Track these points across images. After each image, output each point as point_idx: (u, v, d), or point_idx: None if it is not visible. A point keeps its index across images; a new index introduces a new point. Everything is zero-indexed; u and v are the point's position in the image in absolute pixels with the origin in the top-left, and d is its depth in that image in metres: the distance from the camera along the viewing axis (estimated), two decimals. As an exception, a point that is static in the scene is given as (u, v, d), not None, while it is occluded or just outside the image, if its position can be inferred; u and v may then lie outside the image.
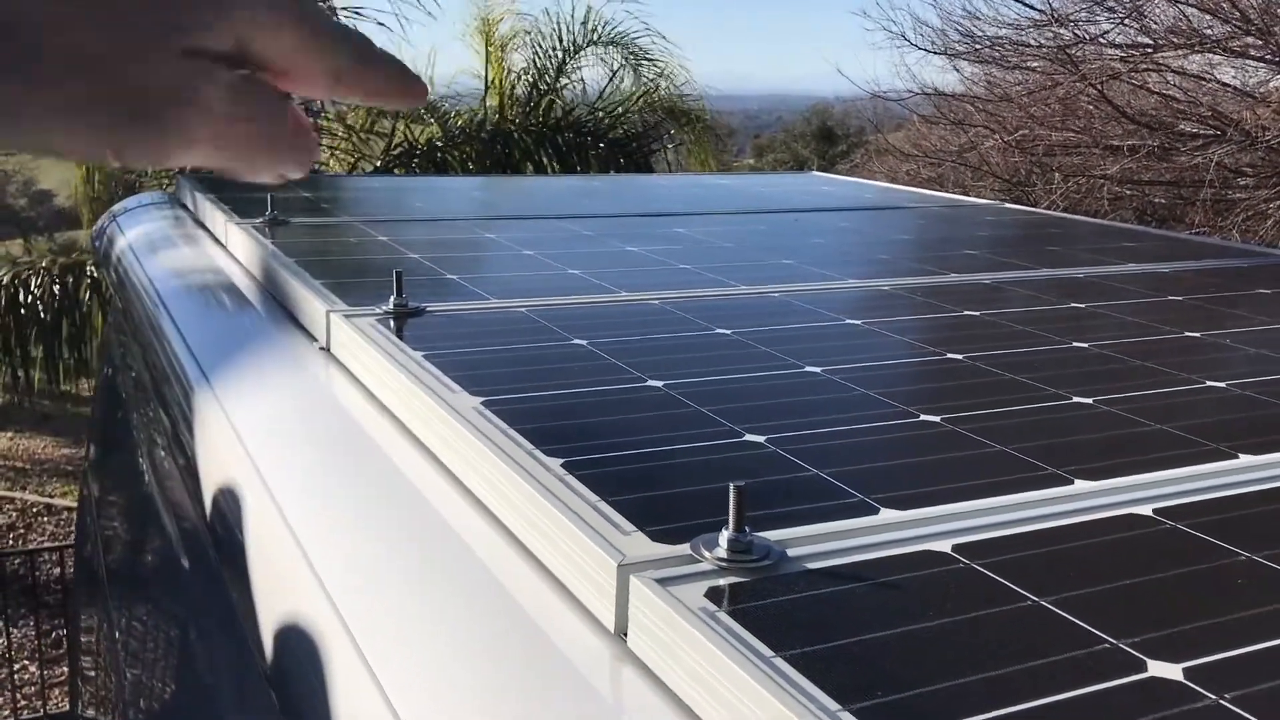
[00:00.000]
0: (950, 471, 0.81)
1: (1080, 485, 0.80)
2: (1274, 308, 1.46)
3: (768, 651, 0.55)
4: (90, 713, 2.24)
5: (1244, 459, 0.87)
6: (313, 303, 1.26)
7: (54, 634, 4.75)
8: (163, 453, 1.41)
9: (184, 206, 2.18)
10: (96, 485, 2.35)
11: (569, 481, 0.76)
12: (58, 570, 4.53)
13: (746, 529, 0.66)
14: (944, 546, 0.69)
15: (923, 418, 0.94)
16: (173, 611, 1.34)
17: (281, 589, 0.83)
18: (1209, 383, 1.08)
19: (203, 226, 1.97)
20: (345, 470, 0.93)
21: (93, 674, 2.24)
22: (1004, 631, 0.58)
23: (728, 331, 1.21)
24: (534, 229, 1.86)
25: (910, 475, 0.81)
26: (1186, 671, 0.55)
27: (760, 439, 0.87)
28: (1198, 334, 1.29)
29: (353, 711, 0.67)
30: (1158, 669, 0.55)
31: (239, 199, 1.98)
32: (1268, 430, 0.94)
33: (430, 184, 2.75)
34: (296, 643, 0.77)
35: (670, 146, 6.07)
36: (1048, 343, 1.22)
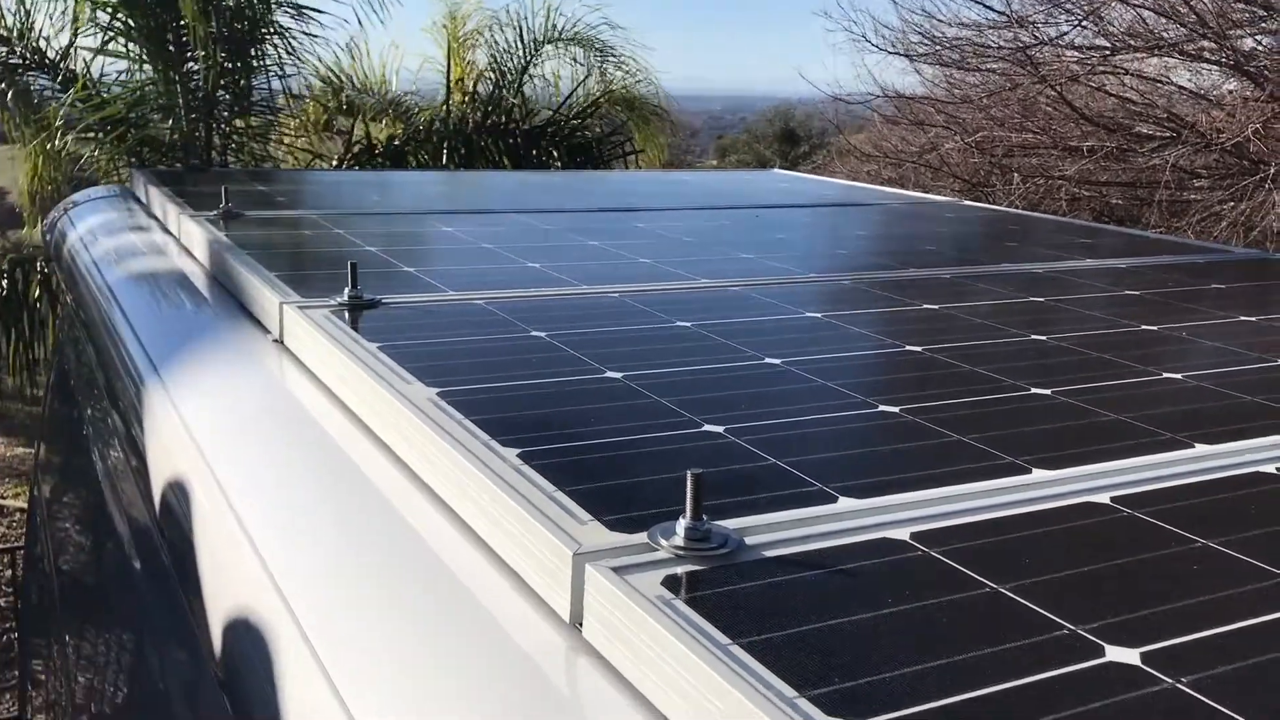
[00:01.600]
0: (909, 461, 0.81)
1: (1038, 474, 0.80)
2: (1229, 303, 1.47)
3: (724, 639, 0.54)
4: (41, 718, 2.20)
5: (1200, 449, 0.87)
6: (266, 294, 1.24)
7: (4, 638, 4.67)
8: (113, 450, 1.38)
9: (137, 199, 2.15)
10: (47, 485, 2.31)
11: (525, 471, 0.75)
12: (9, 572, 4.45)
13: (704, 517, 0.66)
14: (902, 534, 0.68)
15: (882, 408, 0.94)
16: (124, 614, 1.32)
17: (231, 586, 0.81)
18: (1166, 374, 1.09)
19: (155, 219, 1.93)
20: (298, 463, 0.92)
21: (43, 678, 2.19)
22: (962, 618, 0.58)
23: (688, 324, 1.20)
24: (493, 223, 1.84)
25: (869, 464, 0.80)
26: (1144, 656, 0.55)
27: (719, 429, 0.86)
28: (1155, 327, 1.30)
29: (303, 707, 0.66)
30: (1116, 654, 0.55)
31: (193, 192, 1.95)
32: (1223, 421, 0.94)
33: (387, 178, 2.72)
34: (246, 640, 0.75)
35: (629, 153, 6.06)
36: (1006, 336, 1.22)
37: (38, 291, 4.89)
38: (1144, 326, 1.30)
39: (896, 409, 0.94)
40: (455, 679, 0.61)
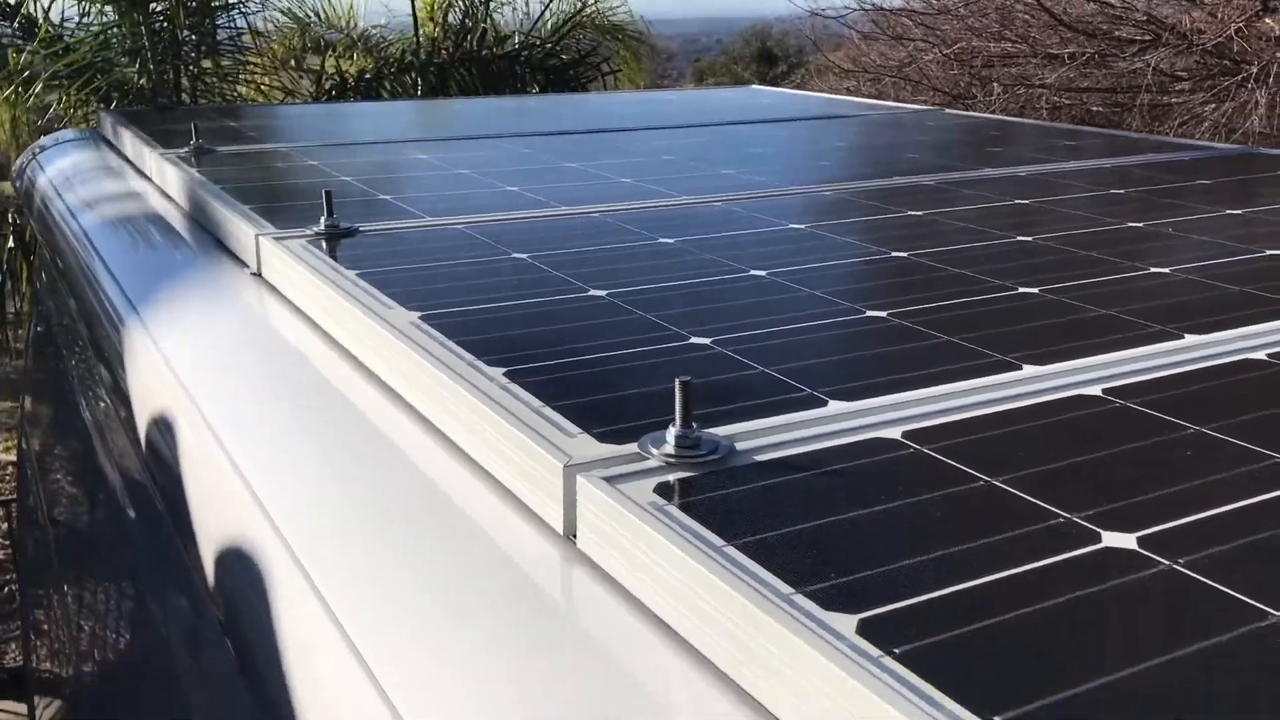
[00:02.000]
0: (898, 363, 0.80)
1: (1029, 370, 0.79)
2: (1214, 197, 1.46)
3: (718, 541, 0.54)
4: (46, 666, 2.21)
5: (1189, 339, 0.87)
6: (242, 228, 1.22)
7: (5, 589, 4.69)
8: (99, 397, 1.37)
9: (106, 141, 2.11)
10: (35, 438, 2.30)
11: (512, 389, 0.74)
12: (4, 525, 4.45)
13: (694, 425, 0.65)
14: (894, 433, 0.68)
15: (869, 313, 0.93)
16: (121, 560, 1.32)
17: (222, 521, 0.80)
18: (1153, 269, 1.08)
19: (126, 160, 1.90)
20: (282, 394, 0.91)
21: (46, 628, 2.20)
22: (957, 512, 0.57)
23: (670, 240, 1.18)
24: (470, 149, 1.81)
25: (858, 368, 0.79)
26: (1140, 540, 0.55)
27: (706, 340, 0.85)
28: (1140, 224, 1.29)
29: (300, 635, 0.65)
30: (1112, 539, 0.55)
31: (163, 130, 1.91)
32: (1212, 311, 0.94)
33: (361, 109, 2.68)
34: (241, 573, 0.75)
35: (607, 73, 5.97)
36: (992, 238, 1.21)
37: (11, 242, 4.82)
38: (1130, 224, 1.29)
39: (884, 313, 0.93)
40: (451, 595, 0.60)
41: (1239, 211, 1.37)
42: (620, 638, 0.54)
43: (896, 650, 0.45)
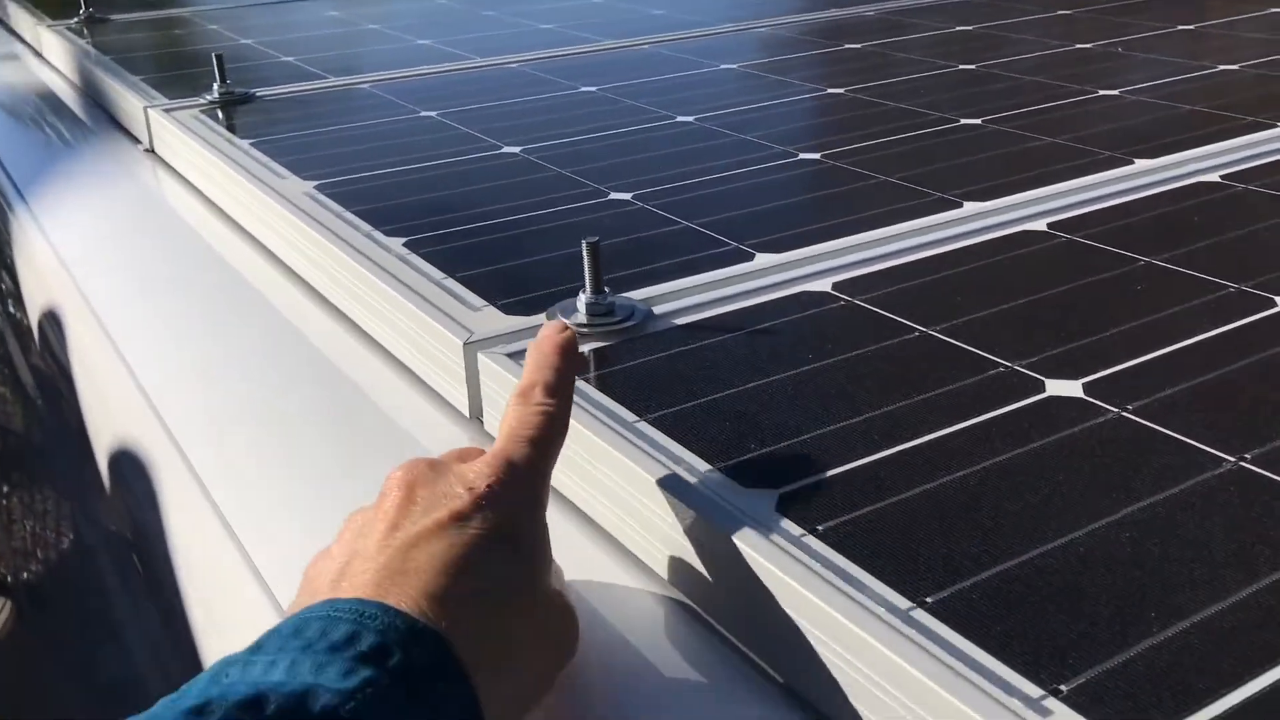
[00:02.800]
0: (831, 209, 0.75)
1: (970, 207, 0.74)
2: (1162, 12, 1.39)
3: (631, 417, 0.49)
4: None
5: (1140, 164, 0.81)
6: (131, 100, 1.12)
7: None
8: None
9: (-7, 16, 1.96)
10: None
11: (412, 260, 0.68)
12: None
13: (606, 290, 0.59)
14: (823, 285, 0.62)
15: (801, 156, 0.87)
16: (37, 465, 1.26)
17: (111, 417, 0.75)
18: (1102, 92, 1.02)
19: (13, 33, 1.77)
20: (175, 277, 0.84)
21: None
22: (891, 367, 0.53)
23: (593, 88, 1.11)
24: (383, 2, 1.70)
25: (788, 217, 0.74)
26: (1087, 387, 0.50)
27: (626, 196, 0.79)
28: (1088, 45, 1.22)
29: (190, 527, 0.60)
30: (1056, 388, 0.50)
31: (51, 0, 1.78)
32: (1165, 133, 0.89)
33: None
34: (132, 476, 0.69)
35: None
36: (933, 68, 1.14)
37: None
38: (1078, 45, 1.22)
39: (817, 155, 0.87)
40: (353, 483, 0.56)
41: (1191, 27, 1.30)
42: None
43: (820, 527, 0.41)
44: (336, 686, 0.29)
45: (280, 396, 0.65)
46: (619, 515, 0.47)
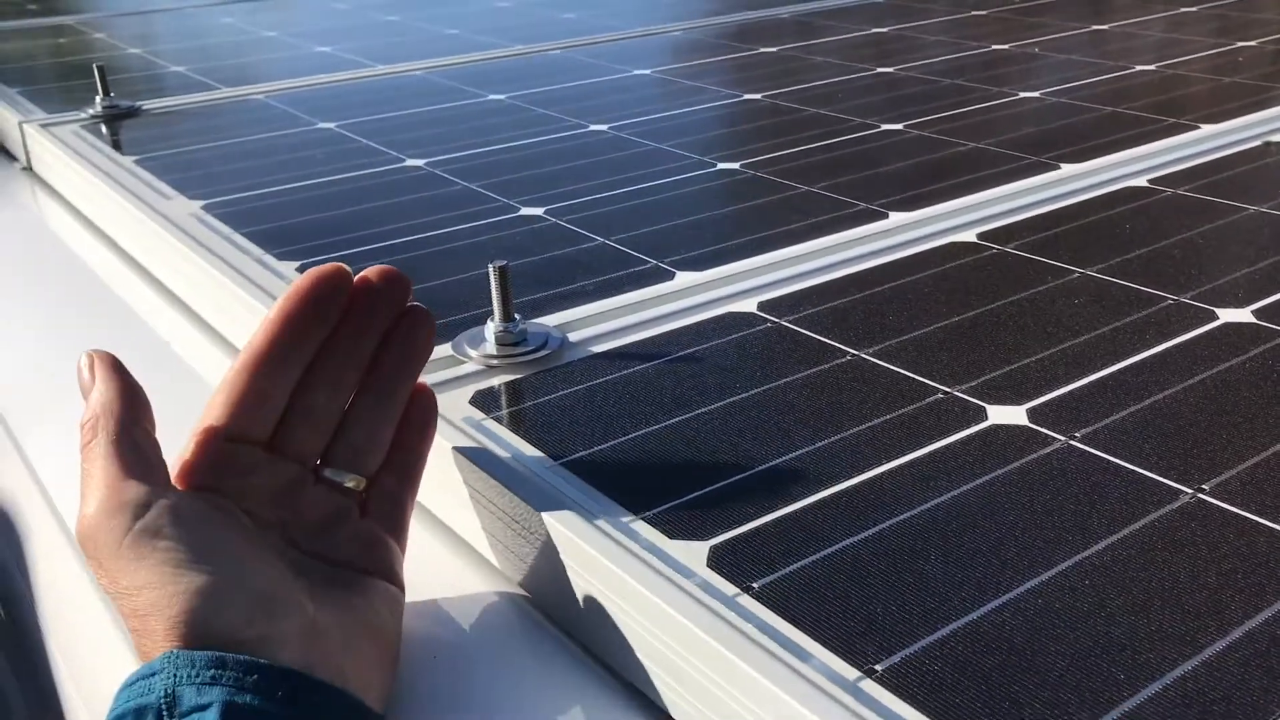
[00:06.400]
0: (753, 222, 0.71)
1: (896, 218, 0.71)
2: (1080, 12, 1.39)
3: (547, 460, 0.45)
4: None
5: (1066, 169, 0.79)
6: (5, 115, 1.05)
7: None
8: None
9: None
10: None
11: (306, 287, 0.63)
12: None
13: (516, 317, 0.55)
14: (748, 306, 0.59)
15: (720, 166, 0.83)
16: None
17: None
18: (1022, 94, 1.00)
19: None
20: (52, 307, 0.78)
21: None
22: (821, 395, 0.49)
23: (501, 97, 1.06)
24: (278, 7, 1.63)
25: (709, 232, 0.70)
26: (1031, 414, 0.47)
27: (538, 211, 0.75)
28: (1006, 46, 1.21)
29: (66, 608, 0.55)
30: (999, 414, 0.47)
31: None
32: (1088, 136, 0.87)
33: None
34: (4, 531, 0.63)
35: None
36: (851, 72, 1.12)
37: None
38: (995, 46, 1.21)
39: (737, 164, 0.83)
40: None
41: (1105, 27, 1.30)
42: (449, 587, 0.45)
43: (755, 585, 0.37)
44: None
45: (167, 440, 0.60)
46: (532, 568, 0.42)
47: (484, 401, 0.50)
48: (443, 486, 0.47)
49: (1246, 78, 1.03)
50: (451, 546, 0.47)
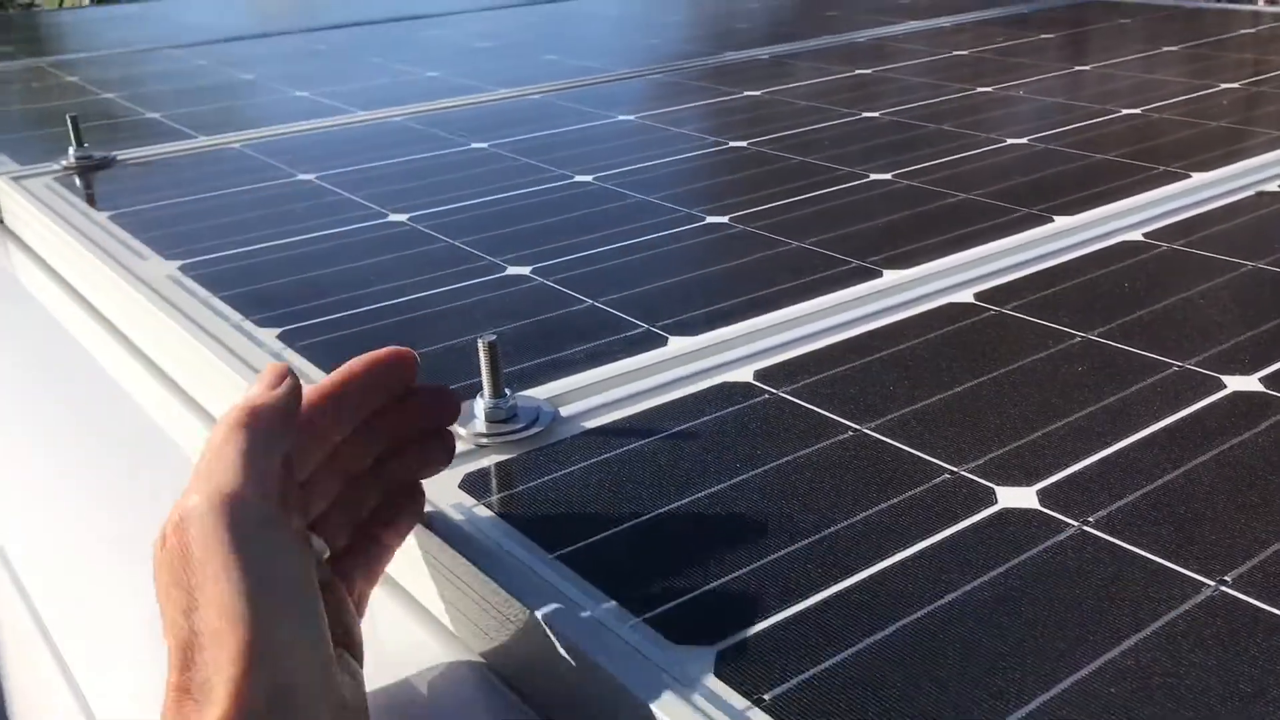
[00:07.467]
0: (745, 282, 0.70)
1: (890, 276, 0.70)
2: (1061, 53, 1.39)
3: (544, 553, 0.43)
4: None
5: (1060, 221, 0.78)
6: (-26, 167, 1.03)
7: None
8: None
9: None
10: None
11: (287, 359, 0.61)
12: None
13: (507, 392, 0.53)
14: (744, 375, 0.57)
15: (709, 220, 0.82)
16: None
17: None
18: (1010, 140, 1.00)
19: None
20: (23, 370, 0.75)
21: None
22: (827, 477, 0.48)
23: (484, 145, 1.05)
24: (257, 49, 1.62)
25: (700, 292, 0.69)
26: (1041, 496, 0.46)
27: (525, 270, 0.73)
28: (989, 88, 1.20)
29: (26, 677, 0.52)
30: (1009, 497, 0.46)
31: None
32: (1080, 185, 0.86)
33: (132, 11, 2.40)
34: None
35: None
36: (836, 116, 1.11)
37: None
38: (979, 89, 1.20)
39: (725, 218, 0.82)
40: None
41: (1088, 67, 1.30)
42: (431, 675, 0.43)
43: (766, 697, 0.35)
44: None
45: (142, 515, 0.57)
46: (526, 665, 0.40)
47: (474, 486, 0.49)
48: (432, 571, 0.45)
49: (1232, 122, 1.03)
50: (429, 627, 0.45)
